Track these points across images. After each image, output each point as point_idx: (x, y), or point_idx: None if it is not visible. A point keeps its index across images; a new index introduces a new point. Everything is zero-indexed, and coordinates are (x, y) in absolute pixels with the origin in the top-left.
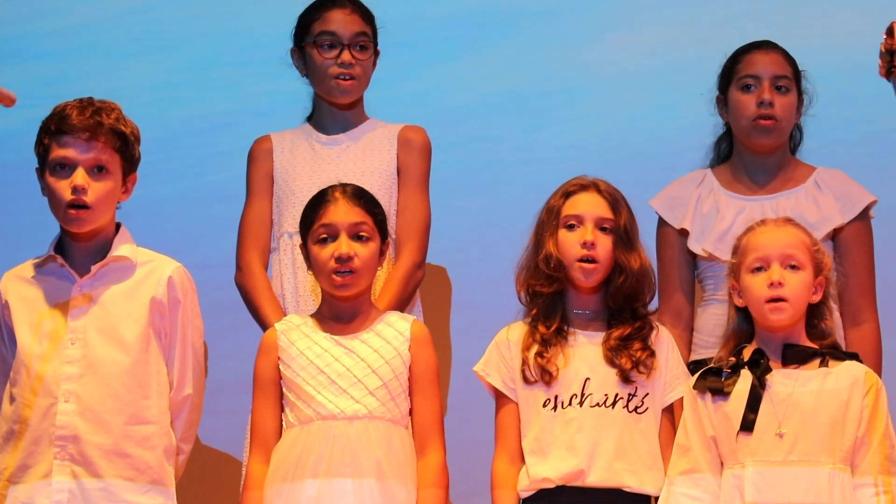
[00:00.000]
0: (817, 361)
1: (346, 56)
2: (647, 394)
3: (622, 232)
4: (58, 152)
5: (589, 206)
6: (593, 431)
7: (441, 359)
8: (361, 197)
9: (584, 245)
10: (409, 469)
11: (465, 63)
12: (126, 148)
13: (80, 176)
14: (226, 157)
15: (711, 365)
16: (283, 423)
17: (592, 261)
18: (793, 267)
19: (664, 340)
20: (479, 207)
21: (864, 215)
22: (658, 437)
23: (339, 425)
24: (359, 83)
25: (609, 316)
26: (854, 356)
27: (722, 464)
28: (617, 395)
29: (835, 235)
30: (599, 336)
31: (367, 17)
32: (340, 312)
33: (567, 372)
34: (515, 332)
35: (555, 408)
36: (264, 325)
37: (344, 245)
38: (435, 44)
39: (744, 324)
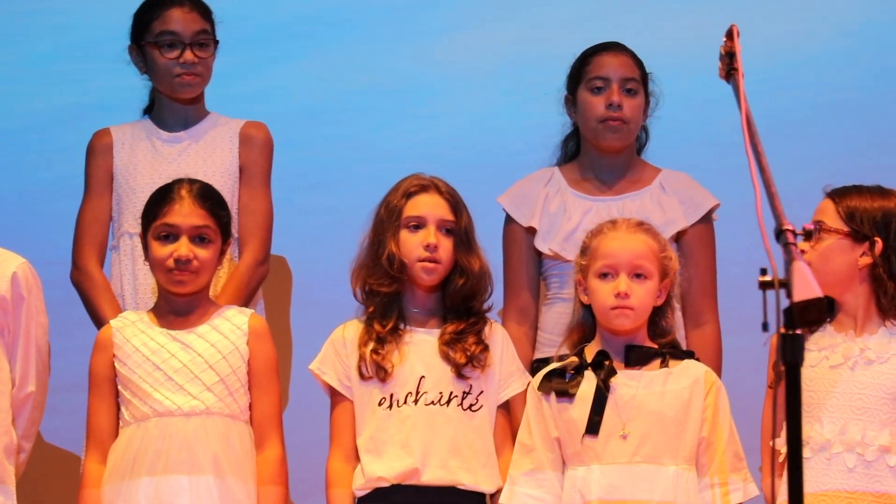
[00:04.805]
0: (658, 361)
1: (188, 56)
2: (482, 391)
3: (463, 234)
4: None
5: (431, 207)
6: (428, 430)
7: (282, 356)
8: (207, 198)
9: (428, 248)
10: (248, 465)
11: (312, 60)
12: None
13: None
14: (67, 152)
15: (555, 363)
16: (120, 421)
17: (434, 262)
18: (639, 276)
19: (498, 336)
20: (325, 206)
21: (707, 218)
22: (493, 435)
23: (176, 422)
24: (202, 80)
25: (445, 313)
26: (691, 354)
27: (564, 463)
28: (451, 392)
29: (678, 238)
30: (435, 333)
31: (205, 13)
32: (177, 307)
33: (402, 370)
34: (351, 330)
35: (390, 406)
36: (102, 325)
37: (184, 247)
38: (282, 41)
39: (588, 318)
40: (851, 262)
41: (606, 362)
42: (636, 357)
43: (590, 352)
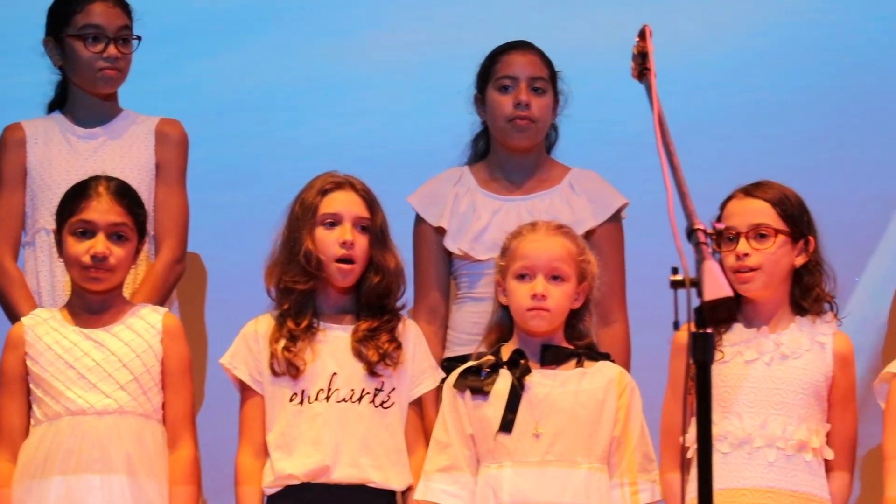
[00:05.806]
0: (574, 361)
1: (112, 51)
2: (394, 388)
3: (378, 231)
4: None
5: (347, 204)
6: (339, 427)
7: (197, 354)
8: (125, 196)
9: (344, 245)
10: (160, 464)
11: (224, 57)
12: None
13: None
14: None
15: (472, 361)
16: (31, 419)
17: (350, 261)
18: (556, 278)
19: (411, 334)
20: (237, 203)
21: (615, 217)
22: (405, 432)
23: (88, 420)
24: (122, 75)
25: (359, 310)
26: (607, 356)
27: (478, 461)
28: (363, 389)
29: (587, 237)
30: (349, 330)
31: (126, 9)
32: (91, 305)
33: (315, 366)
34: (263, 325)
35: (301, 402)
36: (18, 320)
37: (100, 244)
38: (194, 37)
39: (506, 318)
40: (792, 261)
41: (522, 361)
42: (552, 357)
43: (506, 351)
